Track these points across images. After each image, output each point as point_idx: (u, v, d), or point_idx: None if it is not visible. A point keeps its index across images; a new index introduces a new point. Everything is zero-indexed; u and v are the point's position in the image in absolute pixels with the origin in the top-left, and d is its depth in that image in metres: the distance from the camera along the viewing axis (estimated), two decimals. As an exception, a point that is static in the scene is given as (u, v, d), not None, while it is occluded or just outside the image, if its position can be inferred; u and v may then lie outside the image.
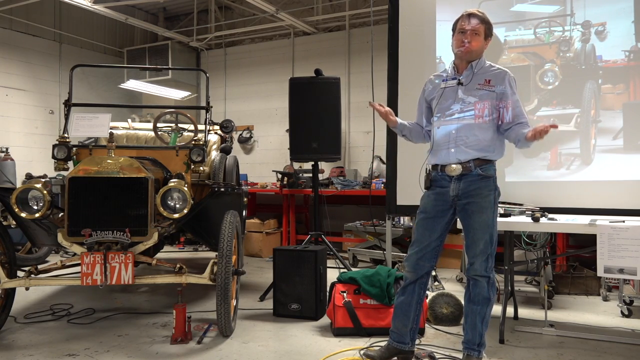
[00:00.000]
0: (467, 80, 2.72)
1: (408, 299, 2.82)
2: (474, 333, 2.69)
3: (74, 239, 3.07)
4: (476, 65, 2.73)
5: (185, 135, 4.79)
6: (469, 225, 2.68)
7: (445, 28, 4.11)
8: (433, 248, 2.77)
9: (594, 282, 4.50)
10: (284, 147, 7.58)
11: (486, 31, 2.73)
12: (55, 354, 2.98)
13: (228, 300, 3.11)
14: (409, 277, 2.82)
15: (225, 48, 9.01)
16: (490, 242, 2.64)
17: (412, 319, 2.83)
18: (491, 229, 2.65)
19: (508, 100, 2.68)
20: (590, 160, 3.57)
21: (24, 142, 7.45)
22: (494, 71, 2.74)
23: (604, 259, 2.81)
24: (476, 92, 2.69)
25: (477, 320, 2.67)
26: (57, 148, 3.71)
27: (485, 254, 2.64)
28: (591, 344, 3.19)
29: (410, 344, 2.85)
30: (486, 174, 2.67)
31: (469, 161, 2.67)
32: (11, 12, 7.23)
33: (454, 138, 2.70)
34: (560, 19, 3.73)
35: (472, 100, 2.70)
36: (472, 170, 2.67)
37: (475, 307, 2.67)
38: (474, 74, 2.72)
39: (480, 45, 2.72)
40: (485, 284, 2.65)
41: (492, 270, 2.67)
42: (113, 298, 4.32)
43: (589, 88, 3.59)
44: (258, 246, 6.74)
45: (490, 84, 2.69)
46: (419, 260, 2.78)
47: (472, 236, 2.67)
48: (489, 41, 2.77)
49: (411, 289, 2.82)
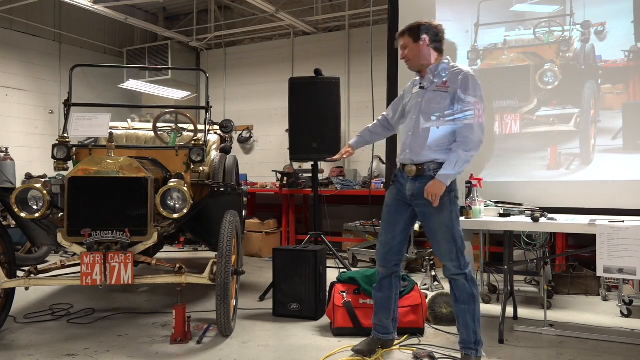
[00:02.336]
0: (428, 84, 2.80)
1: (387, 293, 2.96)
2: (468, 332, 2.74)
3: (73, 239, 3.07)
4: (435, 69, 2.80)
5: (185, 135, 4.79)
6: (429, 227, 2.77)
7: (446, 28, 4.11)
8: (399, 242, 2.89)
9: (594, 282, 4.50)
10: (284, 147, 7.57)
11: (413, 37, 2.79)
12: (55, 354, 2.98)
13: (228, 300, 3.11)
14: (382, 272, 2.96)
15: (225, 48, 9.01)
16: (454, 240, 2.70)
17: (393, 310, 2.99)
18: (451, 228, 2.70)
19: (462, 104, 2.68)
20: (590, 160, 3.56)
21: (23, 142, 7.45)
22: (452, 71, 2.77)
23: (603, 259, 2.81)
24: (434, 95, 2.76)
25: (468, 319, 2.72)
26: (56, 148, 3.71)
27: (452, 253, 2.70)
28: (591, 343, 3.19)
29: (393, 332, 3.03)
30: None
31: (424, 163, 2.73)
32: (11, 12, 7.23)
33: (410, 140, 2.79)
34: (560, 19, 3.73)
35: (429, 103, 2.76)
36: (425, 172, 2.72)
37: (462, 307, 2.73)
38: (434, 77, 2.79)
39: (415, 51, 2.79)
40: (464, 281, 2.72)
41: (467, 266, 2.73)
42: (113, 298, 4.32)
43: (588, 88, 3.59)
44: (258, 246, 6.74)
45: (446, 85, 2.74)
46: (387, 254, 2.91)
47: (434, 237, 2.76)
48: (426, 40, 2.78)
49: (387, 283, 2.95)
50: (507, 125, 3.82)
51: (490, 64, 3.92)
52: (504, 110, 3.83)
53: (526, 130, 3.76)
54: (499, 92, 3.85)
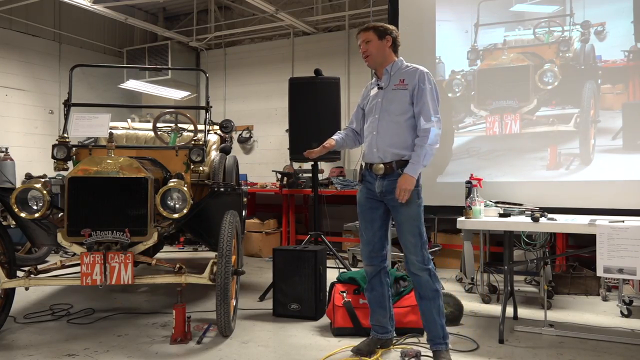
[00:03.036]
0: (386, 84, 2.87)
1: (379, 291, 3.00)
2: (435, 328, 2.79)
3: (73, 239, 3.07)
4: (391, 68, 2.88)
5: (185, 135, 4.78)
6: (398, 221, 2.83)
7: (445, 28, 4.12)
8: (379, 238, 2.94)
9: (594, 282, 4.51)
10: (284, 147, 7.57)
11: (378, 33, 2.87)
12: (55, 354, 2.98)
13: (228, 300, 3.11)
14: (370, 271, 3.00)
15: (225, 48, 9.01)
16: (419, 234, 2.77)
17: (388, 307, 3.03)
18: (417, 221, 2.77)
19: (420, 100, 2.76)
20: (589, 160, 3.56)
21: (23, 142, 7.45)
22: (408, 70, 2.85)
23: (603, 259, 2.81)
24: (393, 94, 2.83)
25: (434, 314, 2.79)
26: (56, 148, 3.71)
27: (416, 246, 2.76)
28: (591, 343, 3.19)
29: (391, 331, 3.06)
30: None
31: (392, 162, 2.80)
32: (11, 12, 7.22)
33: (375, 139, 2.85)
34: (560, 19, 3.73)
35: (389, 102, 2.83)
36: (394, 170, 2.79)
37: (428, 303, 2.79)
38: (391, 77, 2.87)
39: (378, 47, 2.86)
40: (427, 277, 2.78)
41: (429, 262, 2.79)
42: (113, 298, 4.32)
43: (588, 88, 3.59)
44: (258, 246, 6.74)
45: (404, 83, 2.81)
46: (371, 252, 2.96)
47: (401, 230, 2.82)
48: (389, 39, 2.87)
49: (377, 282, 3.00)
50: (507, 126, 3.82)
51: (489, 64, 3.92)
52: (503, 111, 3.83)
53: (526, 130, 3.76)
54: (499, 92, 3.85)
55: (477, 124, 3.93)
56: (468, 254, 4.60)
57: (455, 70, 4.02)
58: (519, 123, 3.78)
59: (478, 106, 3.93)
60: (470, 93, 3.97)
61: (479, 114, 3.92)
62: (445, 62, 4.06)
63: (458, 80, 4.00)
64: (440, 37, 4.12)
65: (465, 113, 3.98)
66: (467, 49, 3.98)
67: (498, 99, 3.84)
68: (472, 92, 3.96)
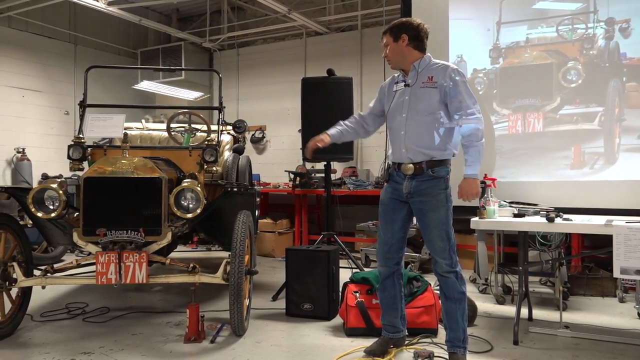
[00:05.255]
0: (413, 81, 2.78)
1: (392, 293, 2.96)
2: (457, 330, 2.74)
3: (88, 239, 3.09)
4: (419, 65, 2.79)
5: (198, 135, 4.81)
6: (425, 224, 2.78)
7: (459, 26, 4.10)
8: (397, 240, 2.89)
9: (610, 284, 4.44)
10: (296, 147, 7.57)
11: (393, 36, 2.80)
12: (71, 352, 3.02)
13: (241, 299, 3.12)
14: (384, 272, 2.95)
15: (238, 48, 9.04)
16: (448, 238, 2.72)
17: (400, 308, 2.99)
18: (445, 225, 2.72)
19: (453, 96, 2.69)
20: (614, 159, 3.51)
21: (40, 143, 7.55)
22: (436, 66, 2.78)
23: (620, 260, 2.77)
24: (422, 91, 2.75)
25: (459, 317, 2.74)
26: (72, 148, 3.74)
27: (445, 251, 2.72)
28: (607, 346, 3.15)
29: (403, 330, 3.03)
30: (437, 175, 2.73)
31: (422, 162, 2.73)
32: (27, 14, 7.32)
33: (404, 139, 2.77)
34: (583, 16, 3.67)
35: (418, 100, 2.75)
36: (424, 171, 2.73)
37: (453, 305, 2.74)
38: (418, 74, 2.78)
39: (394, 50, 2.80)
40: (454, 279, 2.73)
41: (457, 264, 2.74)
42: (127, 297, 4.36)
43: (612, 86, 3.54)
44: (270, 246, 6.75)
45: (433, 80, 2.73)
46: (387, 253, 2.91)
47: (429, 234, 2.76)
48: (405, 38, 2.77)
49: (390, 283, 2.96)
50: (530, 124, 3.78)
51: (512, 62, 3.88)
52: (526, 109, 3.79)
53: (549, 128, 3.71)
54: (522, 91, 3.82)
55: (499, 123, 3.90)
56: (482, 255, 4.56)
57: (478, 68, 4.00)
58: (542, 121, 3.74)
59: (500, 105, 3.90)
60: (492, 91, 3.94)
61: (502, 112, 3.89)
62: (467, 60, 4.04)
63: (480, 78, 3.98)
64: (454, 35, 4.10)
65: (488, 112, 3.94)
66: (489, 47, 3.95)
67: (521, 98, 3.81)
68: (494, 91, 3.93)
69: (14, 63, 7.34)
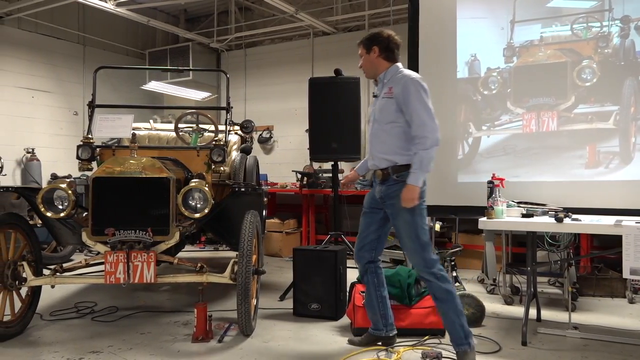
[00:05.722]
0: (379, 92, 2.92)
1: (368, 290, 3.08)
2: (454, 328, 2.77)
3: (97, 238, 3.12)
4: (384, 76, 2.91)
5: (206, 135, 4.83)
6: (395, 226, 2.87)
7: (467, 25, 4.08)
8: (370, 240, 3.02)
9: (619, 284, 4.41)
10: (304, 147, 7.57)
11: (365, 47, 2.93)
12: (80, 351, 3.04)
13: (248, 299, 3.13)
14: (359, 269, 3.10)
15: (245, 49, 9.06)
16: (417, 238, 2.76)
17: (377, 305, 3.04)
18: (413, 226, 2.77)
19: (408, 108, 2.76)
20: (630, 158, 3.47)
21: (49, 143, 7.60)
22: (397, 77, 2.86)
23: (629, 261, 2.75)
24: (383, 102, 2.87)
25: (452, 315, 2.76)
26: (81, 149, 3.77)
27: (415, 251, 2.78)
28: (616, 347, 3.13)
29: (384, 329, 3.06)
30: (402, 178, 2.78)
31: (387, 168, 2.85)
32: (36, 15, 7.37)
33: (371, 147, 2.95)
34: (598, 15, 3.64)
35: (380, 111, 2.88)
36: (390, 176, 2.84)
37: (442, 304, 2.78)
38: (384, 85, 2.90)
39: (366, 61, 2.94)
40: (434, 279, 2.76)
41: (433, 264, 2.76)
42: (135, 296, 4.38)
43: (628, 85, 3.50)
44: (278, 246, 6.76)
45: (391, 91, 2.82)
46: (359, 251, 3.05)
47: (400, 235, 2.86)
48: (376, 50, 2.89)
49: (366, 281, 3.07)
50: (544, 123, 3.75)
51: (526, 61, 3.86)
52: (540, 108, 3.76)
53: (563, 128, 3.69)
54: (536, 90, 3.79)
55: (513, 122, 3.88)
56: (490, 255, 4.54)
57: (491, 67, 3.98)
58: (557, 121, 3.71)
59: (514, 104, 3.88)
60: (506, 90, 3.92)
61: (516, 111, 3.87)
62: (481, 59, 4.02)
63: (494, 77, 3.96)
64: (462, 35, 4.08)
65: (502, 110, 3.93)
66: (502, 46, 3.93)
67: (535, 96, 3.78)
68: (508, 90, 3.91)
69: (24, 64, 7.39)
